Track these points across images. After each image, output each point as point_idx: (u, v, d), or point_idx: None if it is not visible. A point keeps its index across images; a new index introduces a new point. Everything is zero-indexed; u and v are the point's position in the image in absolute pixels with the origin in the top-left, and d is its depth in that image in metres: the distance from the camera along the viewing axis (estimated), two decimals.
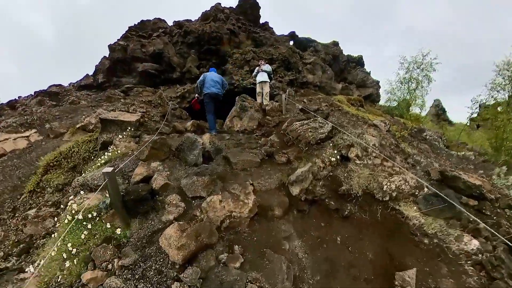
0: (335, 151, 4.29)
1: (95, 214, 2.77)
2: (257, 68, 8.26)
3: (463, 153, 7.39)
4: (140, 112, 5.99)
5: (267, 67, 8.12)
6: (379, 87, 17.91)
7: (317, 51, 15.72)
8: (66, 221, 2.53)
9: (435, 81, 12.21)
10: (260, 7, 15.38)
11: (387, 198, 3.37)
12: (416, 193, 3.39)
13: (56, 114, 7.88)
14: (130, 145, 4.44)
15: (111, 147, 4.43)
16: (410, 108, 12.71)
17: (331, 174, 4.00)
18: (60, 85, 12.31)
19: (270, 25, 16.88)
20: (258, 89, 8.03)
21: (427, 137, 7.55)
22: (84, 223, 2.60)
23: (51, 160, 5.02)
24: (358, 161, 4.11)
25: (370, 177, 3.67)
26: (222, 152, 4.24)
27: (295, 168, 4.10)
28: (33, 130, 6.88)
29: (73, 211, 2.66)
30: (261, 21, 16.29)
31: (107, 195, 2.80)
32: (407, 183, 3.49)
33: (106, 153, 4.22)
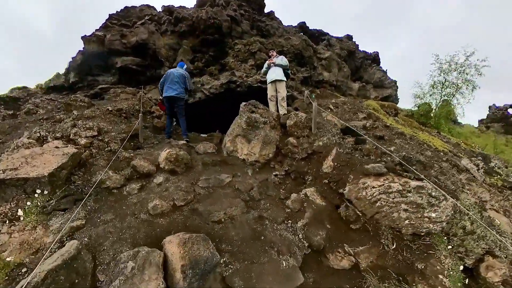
0: (455, 261, 2.03)
1: None
2: (267, 62, 5.83)
3: None
4: (86, 137, 3.59)
5: (282, 60, 5.62)
6: (397, 87, 15.57)
7: (331, 45, 13.24)
8: None
9: (479, 87, 9.85)
10: None
11: None
12: None
13: None
14: (35, 235, 2.09)
15: None
16: (450, 118, 10.34)
17: None
18: (25, 87, 9.79)
19: (276, 15, 14.36)
20: (270, 92, 5.62)
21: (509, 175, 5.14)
22: None
23: None
24: None
25: None
26: (216, 269, 1.96)
27: None
28: None
29: None
30: (266, 10, 13.77)
31: None
32: None
33: None
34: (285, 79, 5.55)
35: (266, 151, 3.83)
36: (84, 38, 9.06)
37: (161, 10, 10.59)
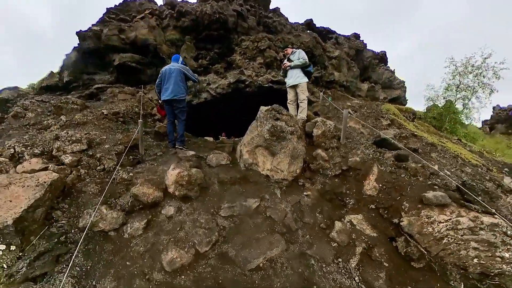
0: None
1: None
2: (284, 62, 5.11)
3: None
4: (73, 153, 2.85)
5: (298, 57, 4.82)
6: (406, 88, 15.00)
7: (339, 43, 12.58)
8: None
9: (497, 91, 9.29)
10: None
11: None
12: None
13: None
14: None
15: None
16: (463, 121, 9.77)
17: None
18: (16, 87, 8.98)
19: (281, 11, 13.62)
20: (289, 96, 4.95)
21: None
22: None
23: None
24: None
25: None
26: None
27: None
28: None
29: None
30: (271, 6, 13.03)
31: None
32: None
33: None
34: (306, 80, 4.84)
35: (294, 167, 3.17)
36: (79, 33, 8.25)
37: (162, 4, 9.81)
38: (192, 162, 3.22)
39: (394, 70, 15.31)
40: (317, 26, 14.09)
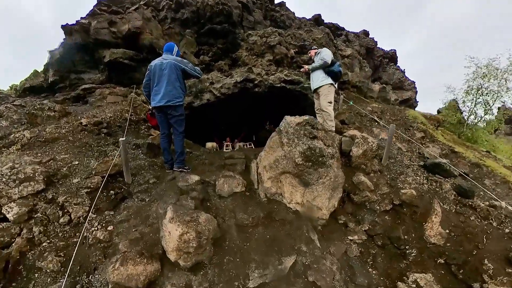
0: None
1: None
2: (308, 67, 4.08)
3: None
4: (22, 198, 1.88)
5: (321, 54, 3.95)
6: (417, 90, 14.15)
7: (349, 41, 11.66)
8: None
9: None
10: None
11: None
12: None
13: None
14: None
15: None
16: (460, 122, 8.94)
17: None
18: None
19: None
20: (316, 102, 4.06)
21: None
22: None
23: None
24: None
25: None
26: None
27: None
28: None
29: None
30: (276, 1, 12.06)
31: None
32: None
33: None
34: (327, 82, 3.85)
35: (333, 201, 2.31)
36: (65, 27, 7.26)
37: None
38: (198, 194, 2.33)
39: (404, 70, 14.45)
40: (325, 22, 13.17)
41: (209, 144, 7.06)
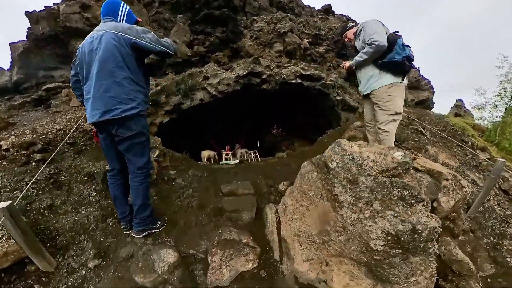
0: None
1: None
2: (351, 62, 2.40)
3: None
4: None
5: (364, 34, 2.18)
6: (434, 90, 12.72)
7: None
8: None
9: None
10: None
11: None
12: None
13: None
14: None
15: None
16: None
17: None
18: None
19: None
20: (365, 112, 2.52)
21: None
22: None
23: None
24: None
25: None
26: None
27: None
28: None
29: None
30: None
31: None
32: None
33: None
34: (386, 83, 2.18)
35: None
36: (29, 14, 5.93)
37: None
38: (177, 277, 0.97)
39: (419, 68, 12.95)
40: (335, 13, 11.76)
41: (205, 153, 5.68)
